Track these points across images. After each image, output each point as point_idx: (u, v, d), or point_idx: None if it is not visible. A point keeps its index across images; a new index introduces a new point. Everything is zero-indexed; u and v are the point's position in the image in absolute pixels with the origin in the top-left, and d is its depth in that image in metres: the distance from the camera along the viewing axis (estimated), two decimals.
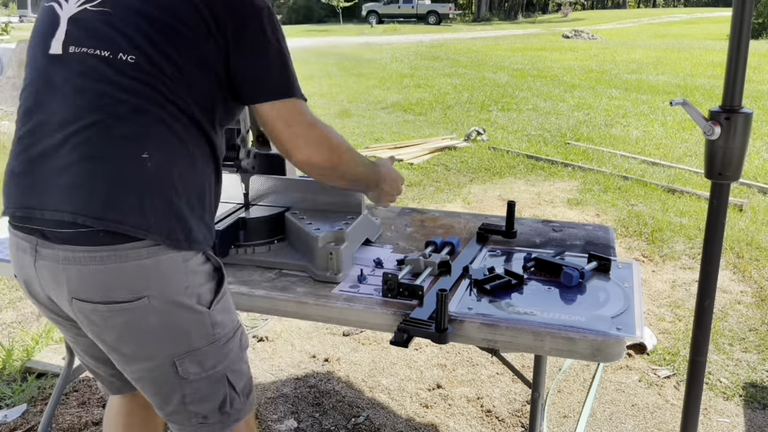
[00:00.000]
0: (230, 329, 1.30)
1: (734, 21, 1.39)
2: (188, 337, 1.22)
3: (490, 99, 9.39)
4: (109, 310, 1.16)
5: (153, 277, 1.16)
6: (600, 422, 2.33)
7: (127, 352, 1.22)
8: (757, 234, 4.00)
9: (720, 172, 1.46)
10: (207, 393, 1.27)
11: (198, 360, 1.23)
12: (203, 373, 1.25)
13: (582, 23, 30.02)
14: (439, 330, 1.30)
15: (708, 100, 8.76)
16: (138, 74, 1.17)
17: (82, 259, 1.14)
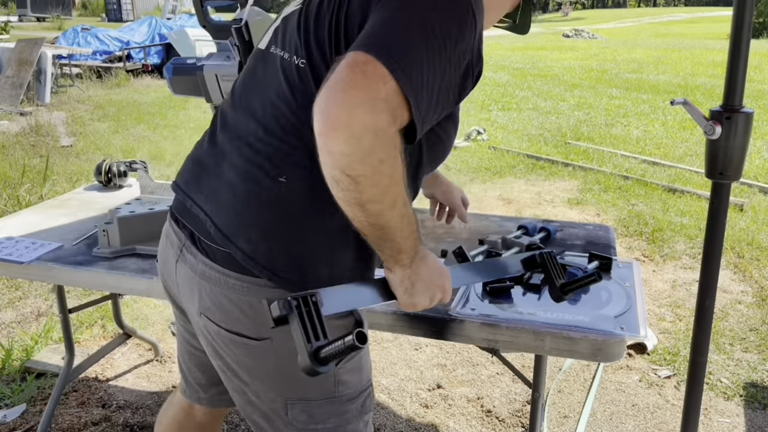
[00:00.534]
0: (356, 390, 1.16)
1: (735, 20, 1.39)
2: (305, 387, 1.11)
3: (490, 98, 9.38)
4: (232, 341, 1.09)
5: None
6: (600, 422, 2.32)
7: (242, 376, 1.14)
8: (758, 234, 4.00)
9: (721, 171, 1.45)
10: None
11: (309, 411, 1.13)
12: (312, 425, 1.14)
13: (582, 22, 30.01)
14: None
15: (709, 100, 8.76)
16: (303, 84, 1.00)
17: (216, 280, 1.06)
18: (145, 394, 2.48)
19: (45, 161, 5.41)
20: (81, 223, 1.96)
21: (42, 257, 1.70)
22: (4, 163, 5.64)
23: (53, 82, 9.62)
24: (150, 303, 3.18)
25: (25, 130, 7.27)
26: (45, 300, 3.24)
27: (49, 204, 2.19)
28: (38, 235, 1.86)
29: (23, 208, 3.48)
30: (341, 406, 1.15)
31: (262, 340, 1.07)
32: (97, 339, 2.86)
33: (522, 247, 1.67)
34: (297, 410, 1.13)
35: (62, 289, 2.09)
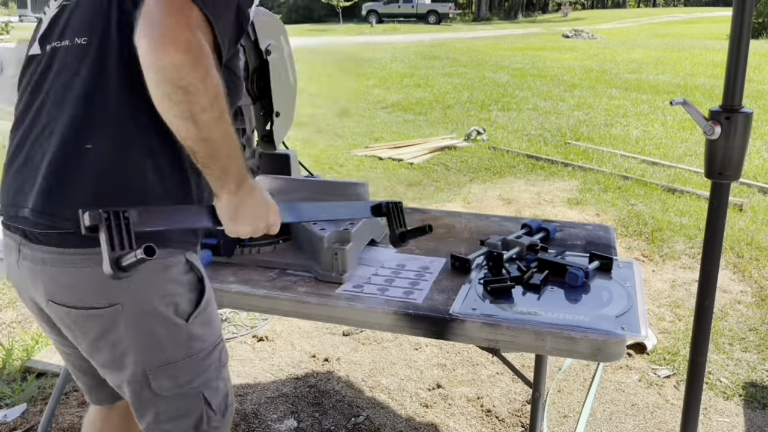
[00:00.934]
0: (210, 343, 1.22)
1: (734, 21, 1.39)
2: (162, 349, 1.15)
3: (490, 98, 9.38)
4: (81, 315, 1.11)
5: (126, 284, 1.06)
6: (600, 422, 2.33)
7: (100, 360, 1.18)
8: (757, 234, 4.00)
9: (720, 171, 1.46)
10: (183, 411, 1.21)
11: (172, 374, 1.17)
12: (178, 389, 1.19)
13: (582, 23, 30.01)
14: None
15: (708, 100, 8.76)
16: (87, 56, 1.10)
17: (56, 261, 1.09)
18: None
19: None
20: None
21: None
22: None
23: None
24: None
25: None
26: None
27: None
28: None
29: None
30: (201, 363, 1.20)
31: (112, 306, 1.10)
32: None
33: (522, 247, 1.67)
34: (159, 377, 1.16)
35: None
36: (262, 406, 2.41)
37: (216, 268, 1.64)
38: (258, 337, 2.91)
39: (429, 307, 1.42)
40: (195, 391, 1.21)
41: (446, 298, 1.46)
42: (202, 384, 1.22)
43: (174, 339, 1.16)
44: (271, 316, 3.03)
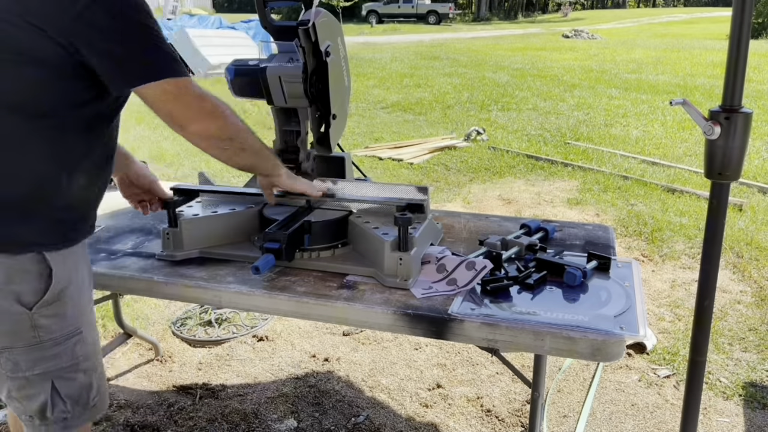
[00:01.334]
0: (60, 335, 1.27)
1: (734, 21, 1.39)
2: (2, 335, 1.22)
3: (490, 99, 9.39)
4: None
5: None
6: (600, 422, 2.33)
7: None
8: (757, 234, 4.00)
9: (720, 171, 1.46)
10: (28, 393, 1.27)
11: (13, 359, 1.23)
12: (20, 373, 1.24)
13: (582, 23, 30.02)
14: None
15: (708, 100, 8.76)
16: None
17: None
18: (145, 394, 2.49)
19: None
20: None
21: None
22: None
23: None
24: (150, 303, 3.19)
25: None
26: None
27: None
28: None
29: None
30: (47, 351, 1.25)
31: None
32: None
33: (521, 247, 1.67)
34: (2, 359, 1.24)
35: None
36: (262, 406, 2.41)
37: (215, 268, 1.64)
38: (258, 337, 2.91)
39: (428, 307, 1.42)
40: (39, 377, 1.26)
41: (445, 298, 1.46)
42: (50, 373, 1.27)
43: (14, 326, 1.22)
44: (271, 316, 3.03)
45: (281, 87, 1.82)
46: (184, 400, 2.44)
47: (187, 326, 3.00)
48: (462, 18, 38.18)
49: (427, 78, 11.75)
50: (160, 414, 2.35)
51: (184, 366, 2.70)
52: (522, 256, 1.67)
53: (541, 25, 31.35)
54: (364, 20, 33.25)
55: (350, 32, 25.19)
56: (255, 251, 1.64)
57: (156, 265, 1.67)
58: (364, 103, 9.32)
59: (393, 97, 9.81)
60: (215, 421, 2.32)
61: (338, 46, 1.82)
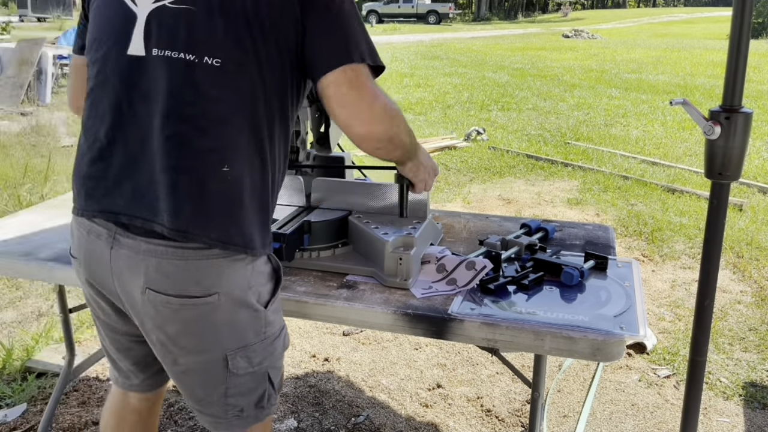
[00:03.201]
0: (278, 328, 1.34)
1: (734, 21, 1.39)
2: (244, 334, 1.26)
3: (490, 98, 9.39)
4: (181, 304, 1.19)
5: (224, 276, 1.19)
6: (600, 422, 2.33)
7: (185, 344, 1.24)
8: (757, 234, 4.00)
9: (720, 171, 1.46)
10: (250, 387, 1.31)
11: (248, 356, 1.27)
12: (250, 368, 1.29)
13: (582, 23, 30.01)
14: None
15: (708, 100, 8.76)
16: (223, 79, 1.15)
17: (163, 253, 1.16)
18: None
19: (46, 161, 5.41)
20: None
21: None
22: (5, 163, 5.64)
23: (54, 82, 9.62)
24: None
25: (25, 130, 7.28)
26: (46, 300, 3.24)
27: (50, 204, 2.19)
28: (39, 235, 1.86)
29: (24, 208, 3.49)
30: (270, 346, 1.31)
31: (210, 295, 1.20)
32: (98, 339, 2.86)
33: (521, 247, 1.67)
34: (237, 359, 1.26)
35: (63, 289, 2.10)
36: None
37: None
38: None
39: (428, 306, 1.42)
40: (263, 370, 1.31)
41: (445, 297, 1.46)
42: (269, 365, 1.32)
43: (254, 325, 1.27)
44: None
45: None
46: (184, 400, 2.44)
47: None
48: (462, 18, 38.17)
49: (427, 78, 11.75)
50: (160, 414, 2.35)
51: None
52: (521, 256, 1.67)
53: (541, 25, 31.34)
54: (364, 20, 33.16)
55: None
56: None
57: None
58: None
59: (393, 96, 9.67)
60: None
61: None
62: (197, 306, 1.20)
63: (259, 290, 1.26)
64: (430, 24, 32.48)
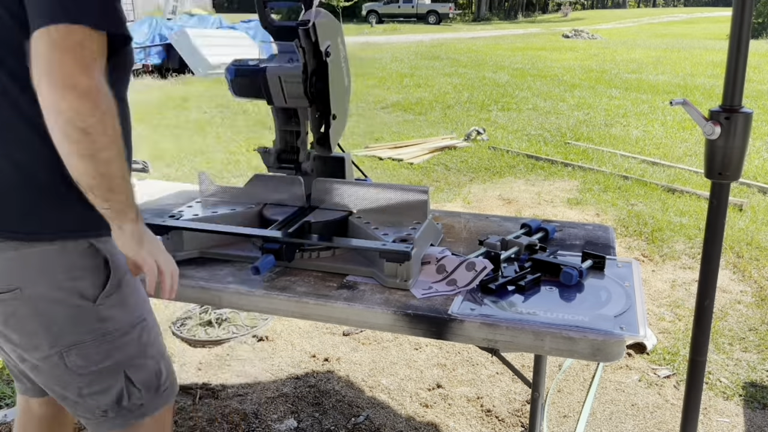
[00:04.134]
0: (126, 324, 1.25)
1: (734, 21, 1.39)
2: (69, 331, 1.18)
3: (490, 99, 9.39)
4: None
5: (22, 270, 1.12)
6: (600, 422, 2.33)
7: (14, 339, 1.20)
8: (757, 234, 4.00)
9: (720, 171, 1.46)
10: (102, 387, 1.24)
11: (83, 354, 1.20)
12: (92, 367, 1.21)
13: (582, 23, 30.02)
14: None
15: (708, 100, 8.76)
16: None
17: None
18: None
19: None
20: None
21: None
22: None
23: None
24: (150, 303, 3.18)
25: None
26: None
27: None
28: None
29: None
30: (114, 342, 1.22)
31: (11, 291, 1.13)
32: None
33: (521, 248, 1.67)
34: (72, 356, 1.19)
35: None
36: (262, 406, 2.41)
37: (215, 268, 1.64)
38: (258, 337, 2.91)
39: (428, 307, 1.42)
40: (112, 369, 1.24)
41: (445, 298, 1.46)
42: (122, 362, 1.25)
43: (80, 320, 1.18)
44: (271, 316, 3.03)
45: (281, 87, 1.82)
46: (184, 400, 2.44)
47: (187, 326, 3.00)
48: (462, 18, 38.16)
49: (427, 78, 11.75)
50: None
51: (184, 366, 2.70)
52: (520, 256, 1.67)
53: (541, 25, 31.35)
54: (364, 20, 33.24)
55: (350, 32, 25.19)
56: (255, 251, 1.64)
57: None
58: (364, 103, 9.32)
59: (393, 97, 9.81)
60: (215, 421, 2.32)
61: (338, 46, 1.82)
62: (3, 302, 1.14)
63: (76, 284, 1.16)
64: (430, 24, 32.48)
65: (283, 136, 1.97)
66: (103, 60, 1.03)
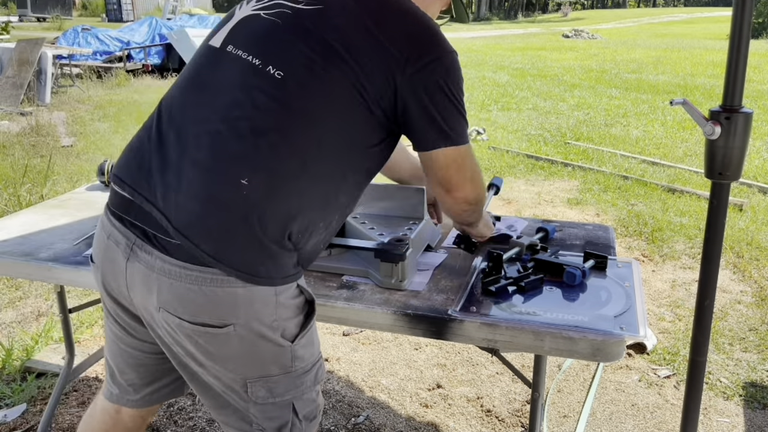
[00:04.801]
0: (309, 363, 1.26)
1: (734, 20, 1.39)
2: (265, 365, 1.20)
3: (490, 98, 9.38)
4: (194, 330, 1.14)
5: (242, 307, 1.13)
6: (600, 422, 2.33)
7: (203, 361, 1.20)
8: (757, 234, 4.00)
9: (720, 171, 1.45)
10: (270, 416, 1.26)
11: (269, 387, 1.22)
12: (271, 399, 1.23)
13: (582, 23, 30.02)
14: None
15: (708, 100, 8.76)
16: (279, 92, 1.12)
17: (176, 274, 1.11)
18: None
19: (46, 161, 5.41)
20: (81, 223, 1.96)
21: None
22: (5, 163, 5.64)
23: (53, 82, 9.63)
24: None
25: (25, 130, 7.27)
26: (45, 300, 3.24)
27: (50, 204, 2.19)
28: (39, 235, 1.86)
29: (24, 207, 3.49)
30: (297, 379, 1.24)
31: (225, 326, 1.13)
32: (98, 339, 2.87)
33: (522, 247, 1.67)
34: (257, 387, 1.21)
35: (63, 289, 2.10)
36: None
37: None
38: None
39: (428, 307, 1.41)
40: (286, 401, 1.25)
41: (445, 298, 1.46)
42: (295, 396, 1.26)
43: (277, 358, 1.20)
44: None
45: None
46: (184, 400, 2.44)
47: None
48: None
49: None
50: (160, 414, 2.35)
51: None
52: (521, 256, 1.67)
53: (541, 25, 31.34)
54: None
55: None
56: None
57: None
58: None
59: None
60: (215, 421, 2.32)
61: None
62: (211, 335, 1.14)
63: (283, 324, 1.18)
64: None
65: None
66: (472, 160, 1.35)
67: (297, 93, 1.13)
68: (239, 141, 1.12)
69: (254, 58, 1.15)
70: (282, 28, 1.17)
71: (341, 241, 1.61)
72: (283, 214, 1.13)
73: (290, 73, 1.13)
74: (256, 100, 1.13)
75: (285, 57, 1.14)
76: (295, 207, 1.14)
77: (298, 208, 1.15)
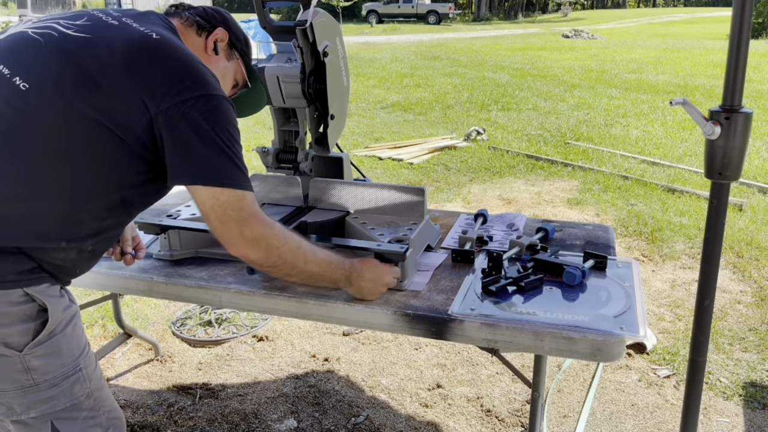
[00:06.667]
0: (57, 375, 1.19)
1: (734, 21, 1.39)
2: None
3: (490, 99, 9.38)
4: None
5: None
6: (600, 422, 2.33)
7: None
8: (757, 234, 4.00)
9: (720, 171, 1.46)
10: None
11: (6, 402, 1.16)
12: (15, 416, 1.17)
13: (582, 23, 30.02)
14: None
15: (708, 100, 8.76)
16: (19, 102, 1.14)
17: None
18: (145, 394, 2.49)
19: None
20: None
21: None
22: None
23: None
24: (150, 303, 3.18)
25: None
26: None
27: None
28: None
29: None
30: (43, 393, 1.17)
31: None
32: (98, 339, 2.87)
33: (522, 248, 1.67)
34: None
35: None
36: (262, 406, 2.41)
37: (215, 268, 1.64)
38: (258, 337, 2.91)
39: (428, 307, 1.42)
40: (38, 420, 1.19)
41: (445, 298, 1.46)
42: (48, 414, 1.19)
43: (4, 370, 1.15)
44: (271, 316, 3.03)
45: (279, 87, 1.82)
46: (184, 400, 2.44)
47: (187, 326, 3.00)
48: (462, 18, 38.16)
49: (427, 78, 11.75)
50: (160, 414, 2.35)
51: (184, 366, 2.70)
52: (521, 256, 1.67)
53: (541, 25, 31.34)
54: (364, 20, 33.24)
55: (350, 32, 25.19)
56: None
57: (156, 266, 1.67)
58: (364, 103, 9.32)
59: (393, 97, 9.81)
60: (215, 421, 2.32)
61: (336, 47, 1.82)
62: None
63: (3, 332, 1.13)
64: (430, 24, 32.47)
65: (281, 135, 1.97)
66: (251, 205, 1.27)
67: (36, 104, 1.13)
68: None
69: (5, 68, 1.17)
70: (43, 46, 1.19)
71: (342, 242, 1.61)
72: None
73: (36, 85, 1.14)
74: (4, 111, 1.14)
75: (35, 70, 1.16)
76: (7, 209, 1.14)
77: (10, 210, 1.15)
